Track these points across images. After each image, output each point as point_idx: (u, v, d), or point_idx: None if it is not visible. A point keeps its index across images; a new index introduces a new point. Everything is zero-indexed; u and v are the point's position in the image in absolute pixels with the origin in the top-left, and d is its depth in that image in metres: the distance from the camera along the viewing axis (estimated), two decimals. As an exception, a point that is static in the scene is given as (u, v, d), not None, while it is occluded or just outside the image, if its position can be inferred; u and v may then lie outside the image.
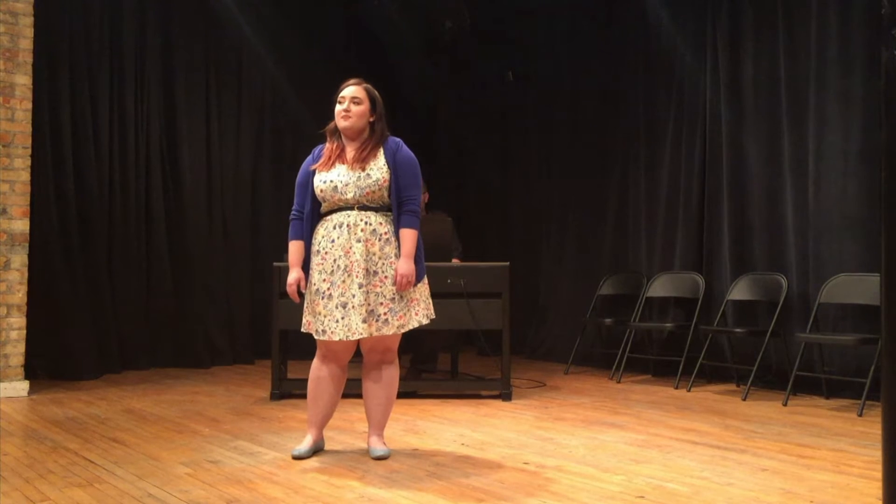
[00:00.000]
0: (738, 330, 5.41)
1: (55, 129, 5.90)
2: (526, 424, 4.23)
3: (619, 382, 5.84)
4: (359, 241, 3.30)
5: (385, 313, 3.30)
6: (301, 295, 3.42)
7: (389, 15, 7.28)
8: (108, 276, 6.21)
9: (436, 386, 5.33)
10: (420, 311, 3.39)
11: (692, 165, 6.14)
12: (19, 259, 5.13)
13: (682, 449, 3.63)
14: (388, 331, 3.31)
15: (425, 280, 3.45)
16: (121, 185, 6.32)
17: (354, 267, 3.28)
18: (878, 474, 2.03)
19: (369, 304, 3.28)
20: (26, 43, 5.19)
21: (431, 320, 3.45)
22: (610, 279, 6.65)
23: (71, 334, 5.82)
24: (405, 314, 3.34)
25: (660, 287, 6.18)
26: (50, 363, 5.78)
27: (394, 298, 3.32)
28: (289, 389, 4.98)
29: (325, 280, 3.33)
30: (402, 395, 4.95)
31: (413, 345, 5.47)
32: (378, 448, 3.44)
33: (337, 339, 3.27)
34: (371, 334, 3.29)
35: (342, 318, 3.27)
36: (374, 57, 7.48)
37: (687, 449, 3.63)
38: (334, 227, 3.34)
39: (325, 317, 3.31)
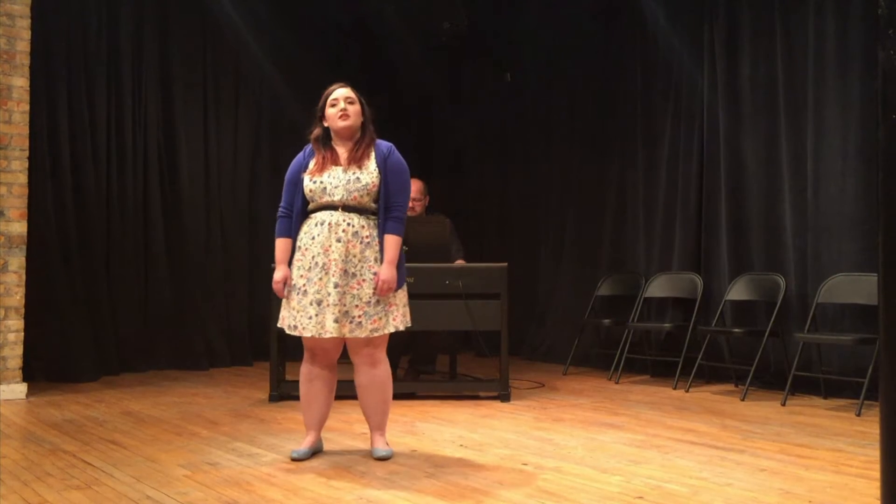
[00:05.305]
0: (736, 330, 5.41)
1: (52, 131, 5.88)
2: (524, 425, 4.23)
3: (617, 383, 5.84)
4: (339, 240, 3.32)
5: (359, 316, 3.31)
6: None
7: (387, 17, 7.28)
8: (106, 278, 6.20)
9: (434, 387, 5.32)
10: (398, 317, 3.40)
11: (690, 166, 6.13)
12: (17, 261, 5.12)
13: (681, 449, 3.63)
14: (361, 334, 3.32)
15: (405, 287, 3.47)
16: (118, 186, 6.31)
17: (332, 266, 3.30)
18: (877, 474, 2.03)
19: (344, 305, 3.29)
20: (23, 45, 5.19)
21: (407, 328, 3.46)
22: (608, 280, 6.65)
23: (69, 336, 5.81)
24: (381, 319, 3.34)
25: (658, 287, 6.18)
26: (48, 365, 5.77)
27: (370, 302, 3.33)
28: (287, 391, 4.97)
29: (302, 276, 3.35)
30: (401, 395, 4.96)
31: (412, 346, 5.47)
32: (380, 449, 3.44)
33: (308, 335, 3.31)
34: (343, 335, 3.31)
35: (315, 315, 3.29)
36: (372, 59, 7.48)
37: (685, 449, 3.64)
38: (315, 225, 3.36)
39: (298, 312, 3.33)
